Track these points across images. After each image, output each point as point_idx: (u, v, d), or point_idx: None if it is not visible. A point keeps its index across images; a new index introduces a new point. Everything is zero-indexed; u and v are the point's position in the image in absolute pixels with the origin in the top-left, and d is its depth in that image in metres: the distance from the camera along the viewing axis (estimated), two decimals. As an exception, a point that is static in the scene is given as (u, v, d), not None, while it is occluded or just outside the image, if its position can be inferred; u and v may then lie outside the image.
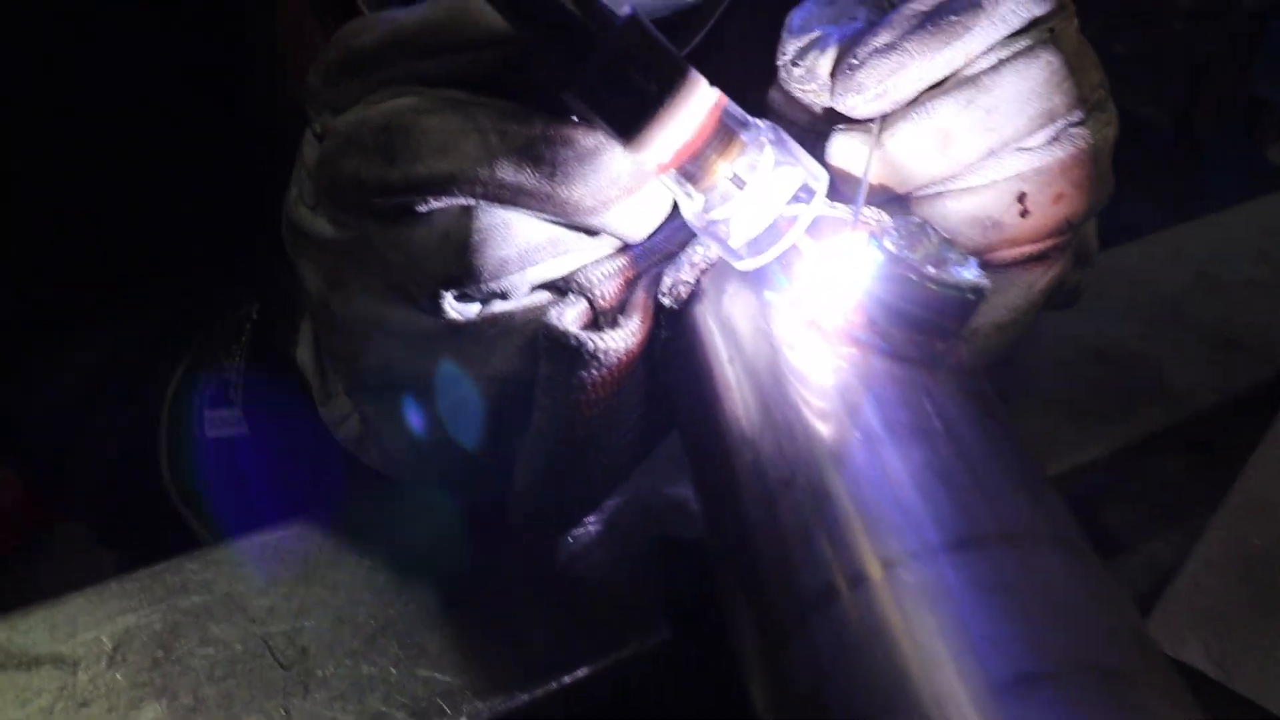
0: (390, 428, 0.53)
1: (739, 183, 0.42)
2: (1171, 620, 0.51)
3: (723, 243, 0.44)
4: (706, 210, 0.43)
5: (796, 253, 0.44)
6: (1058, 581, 0.31)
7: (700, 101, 0.40)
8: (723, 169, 0.42)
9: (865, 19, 0.48)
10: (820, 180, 0.43)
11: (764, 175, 0.42)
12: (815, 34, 0.48)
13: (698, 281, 0.48)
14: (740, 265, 0.44)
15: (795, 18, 0.50)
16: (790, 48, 0.49)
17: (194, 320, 0.73)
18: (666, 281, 0.48)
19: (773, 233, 0.43)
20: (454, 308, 0.47)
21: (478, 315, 0.48)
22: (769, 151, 0.42)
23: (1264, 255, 0.98)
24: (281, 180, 0.52)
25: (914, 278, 0.40)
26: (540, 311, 0.48)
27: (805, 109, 0.51)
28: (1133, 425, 0.74)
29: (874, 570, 0.31)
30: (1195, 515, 0.67)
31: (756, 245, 0.44)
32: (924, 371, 0.39)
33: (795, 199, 0.43)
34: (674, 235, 0.52)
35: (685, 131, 0.40)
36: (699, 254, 0.48)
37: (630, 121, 0.40)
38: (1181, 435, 0.76)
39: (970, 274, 0.41)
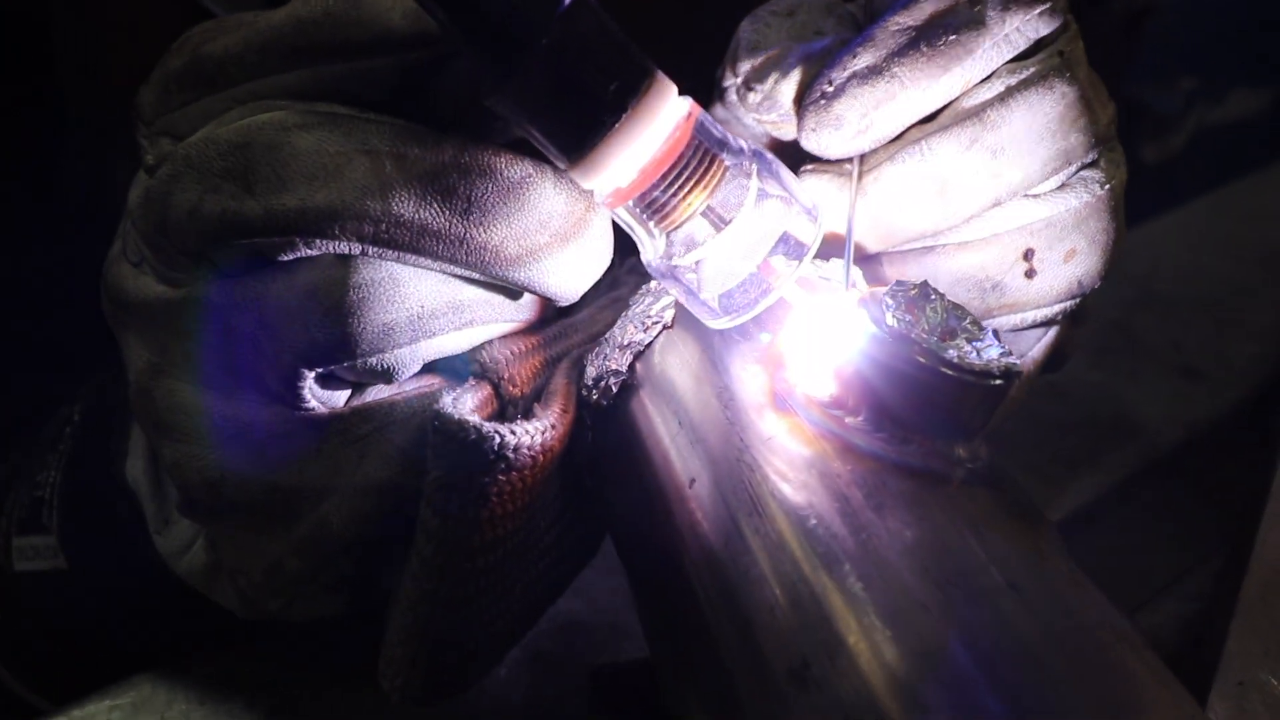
0: (241, 559, 0.41)
1: (716, 220, 0.32)
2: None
3: (691, 294, 0.35)
4: (671, 254, 0.33)
5: (783, 311, 0.34)
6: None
7: (672, 110, 0.31)
8: (697, 201, 0.32)
9: (834, 34, 0.39)
10: (816, 217, 0.34)
11: (749, 211, 0.33)
12: (773, 50, 0.39)
13: (632, 368, 0.38)
14: (713, 324, 0.35)
15: (746, 30, 0.40)
16: (743, 67, 0.39)
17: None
18: (591, 372, 0.38)
19: (755, 283, 0.34)
20: (315, 394, 0.35)
21: (346, 406, 0.36)
22: (755, 181, 0.32)
23: (1196, 270, 0.95)
24: (106, 245, 0.40)
25: (926, 362, 0.30)
26: (430, 399, 0.37)
27: (755, 139, 0.41)
28: (1103, 472, 0.67)
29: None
30: (1181, 566, 0.60)
31: (735, 299, 0.34)
32: (950, 489, 0.30)
33: (781, 243, 0.34)
34: (599, 311, 0.41)
35: (651, 148, 0.31)
36: (629, 333, 0.38)
37: (581, 134, 0.30)
38: (1153, 475, 0.69)
39: (993, 351, 0.32)
